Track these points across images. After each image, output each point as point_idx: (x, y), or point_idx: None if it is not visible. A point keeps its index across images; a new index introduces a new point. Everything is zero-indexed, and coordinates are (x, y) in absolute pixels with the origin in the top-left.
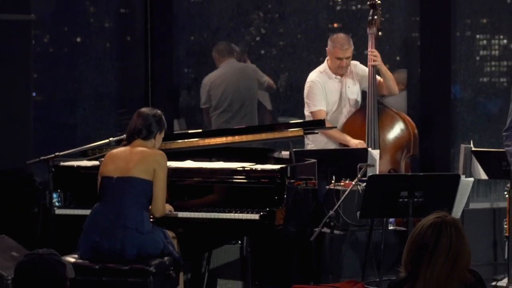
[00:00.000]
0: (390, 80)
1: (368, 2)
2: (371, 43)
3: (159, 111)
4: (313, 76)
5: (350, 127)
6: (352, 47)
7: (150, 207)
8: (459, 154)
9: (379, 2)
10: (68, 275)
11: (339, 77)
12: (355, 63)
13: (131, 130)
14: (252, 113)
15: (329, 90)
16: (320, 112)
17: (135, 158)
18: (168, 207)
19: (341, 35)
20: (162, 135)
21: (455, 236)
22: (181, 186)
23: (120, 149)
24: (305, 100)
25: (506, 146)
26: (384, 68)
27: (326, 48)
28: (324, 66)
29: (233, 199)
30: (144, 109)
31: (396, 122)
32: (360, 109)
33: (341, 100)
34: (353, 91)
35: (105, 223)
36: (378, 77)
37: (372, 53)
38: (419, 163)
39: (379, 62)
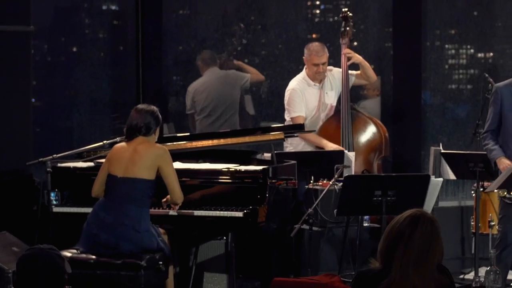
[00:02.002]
0: (368, 69)
1: (341, 15)
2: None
3: (155, 108)
4: (293, 84)
5: (325, 131)
6: (327, 54)
7: (167, 197)
8: (429, 156)
9: (350, 14)
10: (67, 269)
11: (317, 84)
12: (330, 68)
13: (132, 127)
14: (234, 117)
15: (309, 97)
16: (299, 118)
17: (140, 159)
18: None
19: (315, 43)
20: (159, 129)
21: (429, 231)
22: None
23: (123, 146)
24: (286, 106)
25: (485, 145)
26: (360, 59)
27: (303, 57)
28: (303, 74)
29: (218, 198)
30: (141, 106)
31: (368, 126)
32: (335, 114)
33: (319, 106)
34: (331, 96)
35: (105, 217)
36: (354, 72)
37: (345, 51)
38: (392, 164)
39: (354, 57)
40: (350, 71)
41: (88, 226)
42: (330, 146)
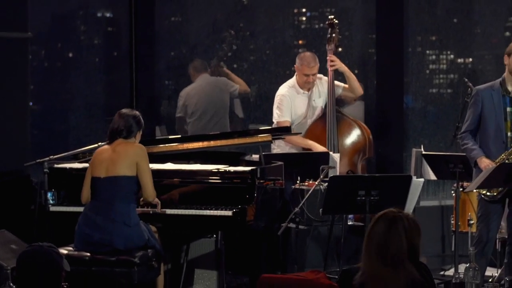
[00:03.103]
0: (353, 81)
1: (327, 22)
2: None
3: (137, 112)
4: (283, 90)
5: (312, 134)
6: (318, 65)
7: (141, 198)
8: (411, 157)
9: (336, 21)
10: (64, 267)
11: (306, 92)
12: (320, 76)
13: (113, 130)
14: (223, 120)
15: (297, 104)
16: (285, 122)
17: (119, 157)
18: (157, 199)
19: (308, 54)
20: (141, 133)
21: (386, 225)
22: (163, 186)
23: (104, 148)
24: (275, 110)
25: (464, 144)
26: (345, 69)
27: (295, 66)
28: (292, 82)
29: (208, 197)
30: (124, 111)
31: (353, 128)
32: (321, 117)
33: (307, 112)
34: (318, 103)
35: (96, 218)
36: (341, 84)
37: (330, 58)
38: (375, 165)
39: (338, 65)
40: (337, 83)
41: (80, 228)
42: (317, 147)
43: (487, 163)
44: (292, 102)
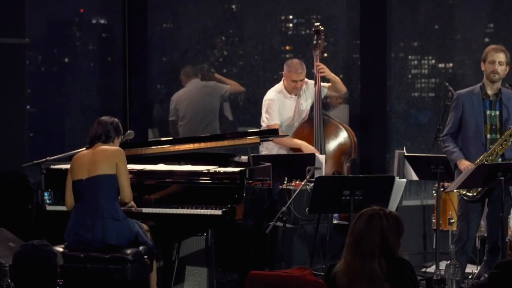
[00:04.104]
0: (338, 83)
1: (313, 28)
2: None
3: (116, 119)
4: (272, 94)
5: (299, 136)
6: (305, 71)
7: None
8: (394, 158)
9: (322, 28)
10: (58, 262)
11: (294, 96)
12: (306, 81)
13: (93, 135)
14: (213, 122)
15: (285, 108)
16: (274, 125)
17: (98, 158)
18: (132, 202)
19: (295, 61)
20: (120, 140)
21: (364, 222)
22: (155, 186)
23: (83, 153)
24: (263, 114)
25: (445, 147)
26: (331, 75)
27: (283, 72)
28: (280, 86)
29: (199, 197)
30: (103, 118)
31: (339, 131)
32: (308, 120)
33: (294, 116)
34: (305, 107)
35: (85, 218)
36: (326, 84)
37: (318, 66)
38: (359, 166)
39: (326, 72)
40: (322, 83)
41: (71, 230)
42: (306, 146)
43: (466, 165)
44: (280, 106)
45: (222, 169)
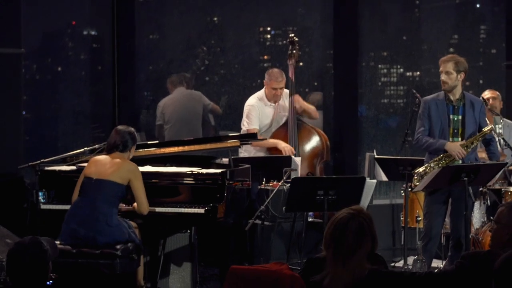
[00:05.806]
0: (312, 112)
1: (288, 39)
2: (291, 72)
3: (132, 129)
4: (253, 101)
5: (275, 138)
6: (285, 79)
7: (134, 205)
8: (365, 160)
9: (296, 39)
10: (50, 254)
11: (273, 104)
12: (286, 91)
13: (111, 144)
14: (197, 127)
15: (264, 114)
16: (253, 130)
17: (113, 167)
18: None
19: (275, 70)
20: (135, 147)
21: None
22: None
23: (103, 156)
24: (244, 118)
25: (425, 142)
26: (305, 105)
27: (264, 80)
28: (261, 94)
29: (183, 197)
30: (120, 127)
31: (312, 135)
32: (283, 125)
33: (272, 122)
34: (282, 115)
35: (82, 214)
36: (301, 101)
37: (294, 98)
38: (333, 167)
39: (300, 103)
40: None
41: (67, 223)
42: (280, 143)
43: (458, 145)
44: (260, 112)
45: (204, 171)
